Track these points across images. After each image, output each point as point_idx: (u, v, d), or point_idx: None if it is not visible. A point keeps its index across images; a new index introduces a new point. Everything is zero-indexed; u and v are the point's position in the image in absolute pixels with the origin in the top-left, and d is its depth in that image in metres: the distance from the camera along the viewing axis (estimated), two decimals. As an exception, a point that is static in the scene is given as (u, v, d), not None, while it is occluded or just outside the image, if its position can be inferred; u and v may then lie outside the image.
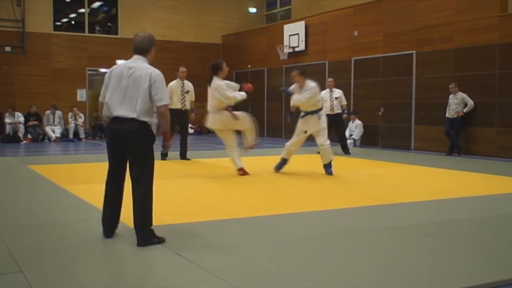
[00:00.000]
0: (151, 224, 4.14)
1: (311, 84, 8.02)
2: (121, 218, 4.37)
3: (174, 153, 9.98)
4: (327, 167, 8.21)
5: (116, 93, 4.16)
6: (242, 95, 7.92)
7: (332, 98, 11.63)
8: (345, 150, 11.49)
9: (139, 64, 4.20)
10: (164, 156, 9.69)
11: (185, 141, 10.29)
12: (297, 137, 8.28)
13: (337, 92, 11.79)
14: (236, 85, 8.23)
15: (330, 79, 12.03)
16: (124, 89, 4.13)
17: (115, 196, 4.30)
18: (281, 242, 4.26)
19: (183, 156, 10.20)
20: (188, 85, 10.29)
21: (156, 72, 4.17)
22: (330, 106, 11.55)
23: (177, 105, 9.95)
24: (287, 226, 4.84)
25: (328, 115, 11.48)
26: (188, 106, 10.28)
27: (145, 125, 4.15)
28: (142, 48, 4.26)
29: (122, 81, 4.15)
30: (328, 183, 7.48)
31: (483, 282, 3.34)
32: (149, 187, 4.15)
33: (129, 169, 4.20)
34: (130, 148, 4.15)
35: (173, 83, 10.03)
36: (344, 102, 11.95)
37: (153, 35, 4.41)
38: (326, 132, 8.21)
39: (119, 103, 4.13)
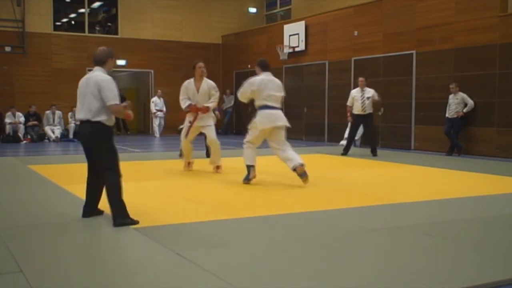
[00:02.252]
0: (124, 205, 4.73)
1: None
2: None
3: (173, 153, 9.97)
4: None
5: (78, 101, 4.91)
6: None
7: (363, 98, 11.21)
8: (374, 152, 11.20)
9: (95, 74, 4.86)
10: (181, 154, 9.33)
11: None
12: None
13: (369, 92, 11.28)
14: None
15: (361, 78, 11.47)
16: (82, 96, 4.86)
17: (94, 185, 4.98)
18: (281, 242, 4.26)
19: (209, 155, 9.82)
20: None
21: (104, 78, 4.82)
22: (362, 106, 11.19)
23: None
24: (287, 226, 4.84)
25: (359, 115, 11.24)
26: None
27: (99, 124, 4.79)
28: (99, 60, 4.95)
29: (82, 90, 4.89)
30: (328, 183, 7.47)
31: (483, 282, 3.34)
32: (118, 172, 4.82)
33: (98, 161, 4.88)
34: (92, 145, 4.87)
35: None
36: (377, 98, 11.29)
37: (111, 49, 5.08)
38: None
39: (80, 109, 4.88)
